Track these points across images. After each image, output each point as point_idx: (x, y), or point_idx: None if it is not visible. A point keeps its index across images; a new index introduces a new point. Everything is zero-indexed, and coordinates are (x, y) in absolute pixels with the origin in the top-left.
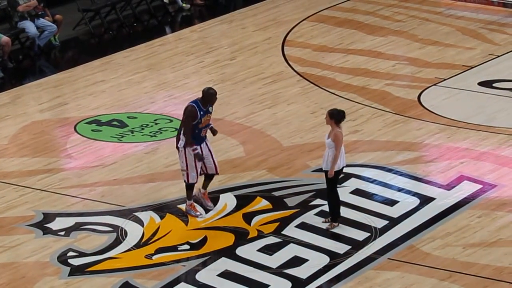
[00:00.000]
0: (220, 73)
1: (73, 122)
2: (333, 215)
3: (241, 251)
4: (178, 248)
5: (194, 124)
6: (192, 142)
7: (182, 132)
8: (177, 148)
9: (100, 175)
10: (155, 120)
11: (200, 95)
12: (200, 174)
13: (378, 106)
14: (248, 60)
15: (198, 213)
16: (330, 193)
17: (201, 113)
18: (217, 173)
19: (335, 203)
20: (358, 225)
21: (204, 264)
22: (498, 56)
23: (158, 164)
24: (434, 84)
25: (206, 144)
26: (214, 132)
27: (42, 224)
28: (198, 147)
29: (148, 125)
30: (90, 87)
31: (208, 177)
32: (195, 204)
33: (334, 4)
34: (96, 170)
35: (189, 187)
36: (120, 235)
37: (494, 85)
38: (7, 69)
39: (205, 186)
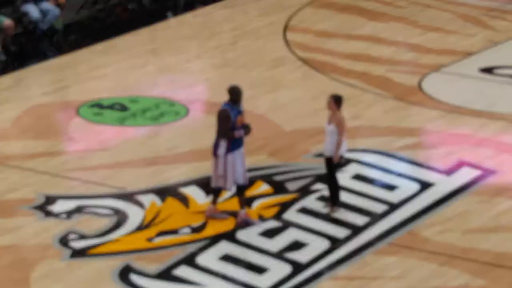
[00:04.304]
0: (222, 57)
1: (75, 105)
2: (334, 200)
3: (241, 235)
4: (179, 232)
5: (230, 127)
6: (234, 133)
7: (221, 139)
8: (215, 155)
9: (102, 159)
10: (156, 104)
11: (200, 79)
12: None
13: (379, 92)
14: (250, 45)
15: (226, 215)
16: (330, 178)
17: (234, 113)
18: (245, 184)
19: (336, 188)
20: (358, 210)
21: (204, 248)
22: (500, 43)
23: (159, 148)
24: (435, 70)
25: (242, 150)
26: (246, 130)
27: (44, 207)
28: (241, 131)
29: (150, 109)
30: (92, 71)
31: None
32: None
33: None
34: (98, 153)
35: (218, 193)
36: (122, 218)
37: (495, 71)
38: (10, 52)
39: (243, 204)
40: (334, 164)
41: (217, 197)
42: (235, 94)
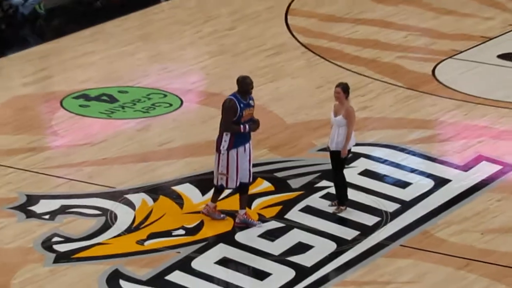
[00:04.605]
0: (219, 44)
1: (59, 96)
2: (341, 198)
3: (240, 236)
4: (173, 233)
5: (235, 120)
6: (239, 127)
7: (224, 132)
8: (218, 151)
9: (88, 154)
10: (148, 95)
11: (195, 68)
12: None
13: (389, 81)
14: (249, 30)
15: (224, 216)
16: (337, 174)
17: (241, 105)
18: (249, 182)
19: (343, 185)
20: (367, 209)
21: (200, 251)
22: None
23: (151, 142)
24: (450, 57)
25: (250, 146)
26: (253, 127)
27: (25, 207)
28: (247, 126)
29: (140, 100)
30: (78, 59)
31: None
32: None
33: None
34: (84, 148)
35: (220, 191)
36: (110, 219)
37: None
38: None
39: (243, 204)
40: (342, 159)
41: (218, 195)
42: (244, 84)
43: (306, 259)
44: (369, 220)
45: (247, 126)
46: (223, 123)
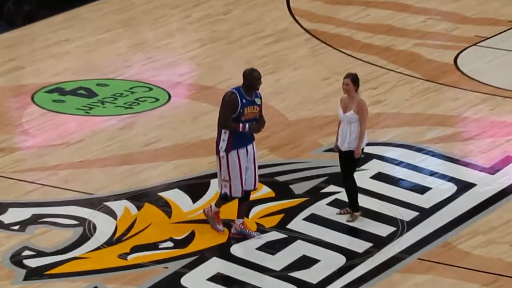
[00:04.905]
0: (211, 30)
1: (31, 90)
2: (354, 204)
3: (237, 249)
4: (159, 246)
5: (235, 117)
6: (237, 125)
7: (221, 129)
8: (217, 153)
9: (63, 156)
10: (131, 88)
11: (184, 57)
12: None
13: (405, 71)
14: (245, 14)
15: (221, 228)
16: (348, 178)
17: (243, 101)
18: (254, 189)
19: (354, 190)
20: (380, 217)
21: (191, 266)
22: None
23: (134, 142)
24: (474, 44)
25: (253, 148)
26: (254, 128)
27: None
28: (247, 125)
29: (122, 94)
30: (51, 48)
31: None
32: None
33: None
34: (59, 149)
35: (226, 199)
36: (88, 229)
37: None
38: None
39: (241, 214)
40: (355, 160)
41: (224, 203)
42: (250, 78)
43: (311, 275)
44: (383, 230)
45: (247, 125)
46: (220, 118)
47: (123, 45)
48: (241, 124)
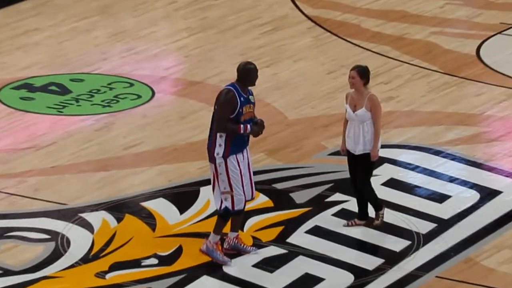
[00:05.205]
0: (200, 17)
1: None
2: (374, 205)
3: (230, 267)
4: (142, 263)
5: (233, 117)
6: (237, 127)
7: (217, 133)
8: (212, 160)
9: (33, 161)
10: (109, 84)
11: (170, 48)
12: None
13: (421, 64)
14: None
15: (227, 260)
16: (364, 185)
17: (242, 99)
18: (252, 198)
19: (374, 198)
20: (394, 230)
21: (178, 286)
22: None
23: (113, 145)
24: (499, 32)
25: (247, 153)
26: (254, 131)
27: None
28: (249, 126)
29: (99, 90)
30: (18, 39)
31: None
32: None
33: None
34: (28, 154)
35: (227, 215)
36: (61, 245)
37: None
38: None
39: (236, 226)
40: (371, 164)
41: (223, 224)
42: (245, 73)
43: None
44: (396, 244)
45: (248, 127)
46: (217, 120)
47: (100, 34)
48: (242, 126)
